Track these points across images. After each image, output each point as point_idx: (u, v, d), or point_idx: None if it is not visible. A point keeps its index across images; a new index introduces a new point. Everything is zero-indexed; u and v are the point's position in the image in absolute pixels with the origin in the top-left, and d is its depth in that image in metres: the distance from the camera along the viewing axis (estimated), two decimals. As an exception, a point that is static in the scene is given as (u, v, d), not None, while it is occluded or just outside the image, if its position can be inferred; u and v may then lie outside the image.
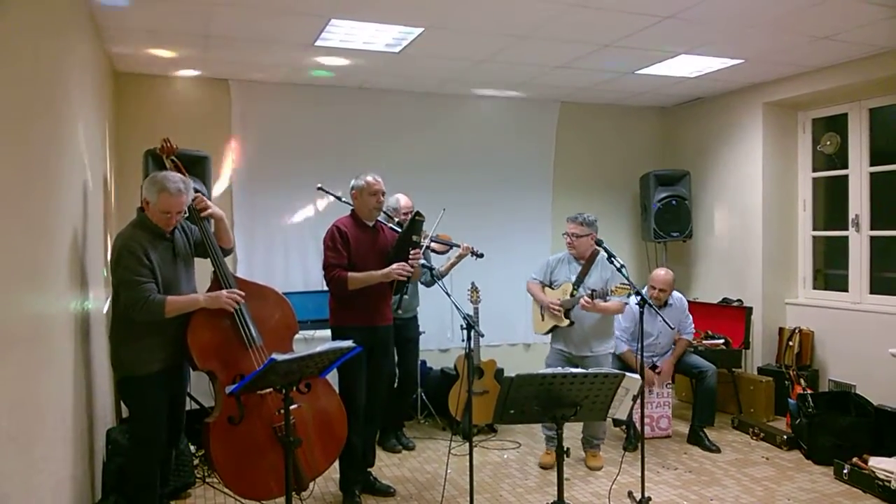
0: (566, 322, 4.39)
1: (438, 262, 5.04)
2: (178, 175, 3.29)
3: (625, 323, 5.06)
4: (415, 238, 3.86)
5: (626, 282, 4.03)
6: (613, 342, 4.61)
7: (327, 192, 4.36)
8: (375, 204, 3.90)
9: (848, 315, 5.49)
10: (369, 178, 3.90)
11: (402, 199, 4.88)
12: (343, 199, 4.09)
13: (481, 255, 4.89)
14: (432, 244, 4.90)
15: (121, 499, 3.46)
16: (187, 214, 3.32)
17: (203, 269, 3.55)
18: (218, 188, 5.40)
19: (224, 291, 3.31)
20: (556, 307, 4.38)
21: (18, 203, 2.16)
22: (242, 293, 3.33)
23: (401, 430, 5.10)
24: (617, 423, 5.09)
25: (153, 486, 3.38)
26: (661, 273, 5.12)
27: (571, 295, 4.37)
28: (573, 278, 4.44)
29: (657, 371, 5.09)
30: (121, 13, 3.99)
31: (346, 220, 3.96)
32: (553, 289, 4.54)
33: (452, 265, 4.94)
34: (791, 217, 6.08)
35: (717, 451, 4.87)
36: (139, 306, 3.05)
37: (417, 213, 3.87)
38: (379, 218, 4.03)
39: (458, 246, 4.91)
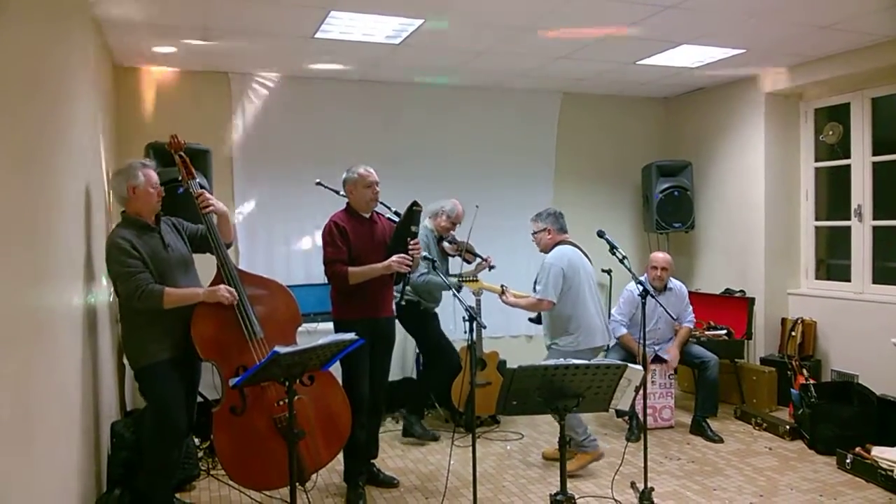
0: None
1: (453, 267, 5.20)
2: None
3: (624, 307, 5.09)
4: (413, 228, 3.85)
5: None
6: (564, 339, 4.25)
7: (326, 188, 4.35)
8: (371, 196, 3.88)
9: (850, 305, 5.48)
10: (361, 171, 3.87)
11: (459, 207, 5.00)
12: (341, 194, 4.08)
13: (493, 268, 5.02)
14: (465, 254, 5.06)
15: (126, 491, 3.49)
16: (162, 197, 3.37)
17: (207, 262, 3.56)
18: (219, 182, 5.39)
19: (222, 286, 3.34)
20: None
21: (21, 197, 2.17)
22: (234, 292, 3.35)
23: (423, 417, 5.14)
24: (620, 413, 5.10)
25: (170, 475, 3.42)
26: (660, 255, 5.16)
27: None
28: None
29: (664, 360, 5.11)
30: (120, 6, 3.97)
31: (342, 214, 3.94)
32: None
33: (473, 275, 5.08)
34: (793, 207, 6.06)
35: (720, 441, 4.88)
36: (136, 296, 3.10)
37: (415, 203, 3.85)
38: (377, 209, 4.02)
39: (483, 258, 5.02)
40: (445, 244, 5.04)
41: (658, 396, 5.16)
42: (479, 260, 5.04)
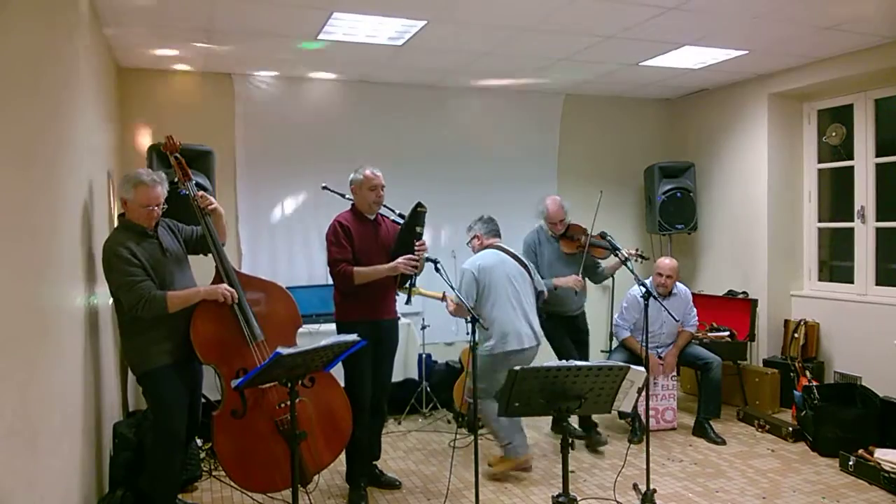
0: None
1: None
2: (149, 169, 3.42)
3: (627, 313, 5.09)
4: (418, 229, 3.84)
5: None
6: (484, 344, 4.18)
7: (332, 192, 4.35)
8: (375, 198, 3.88)
9: (853, 307, 5.47)
10: (367, 172, 3.87)
11: (551, 207, 4.75)
12: (347, 197, 4.09)
13: (646, 258, 4.79)
14: (592, 248, 4.65)
15: (128, 492, 3.49)
16: (166, 207, 3.33)
17: (203, 262, 3.56)
18: (221, 183, 5.40)
19: (223, 284, 3.34)
20: None
21: (24, 198, 2.17)
22: (233, 291, 3.35)
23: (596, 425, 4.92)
24: (622, 415, 5.09)
25: (175, 479, 3.42)
26: (667, 261, 5.13)
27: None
28: None
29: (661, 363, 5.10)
30: (123, 8, 3.98)
31: (347, 214, 3.95)
32: None
33: (613, 271, 4.90)
34: (796, 209, 6.05)
35: (723, 443, 4.87)
36: (141, 305, 3.09)
37: (419, 204, 3.84)
38: (381, 212, 4.02)
39: (620, 250, 4.54)
40: (561, 245, 4.77)
41: (660, 398, 5.15)
42: (618, 253, 4.50)
